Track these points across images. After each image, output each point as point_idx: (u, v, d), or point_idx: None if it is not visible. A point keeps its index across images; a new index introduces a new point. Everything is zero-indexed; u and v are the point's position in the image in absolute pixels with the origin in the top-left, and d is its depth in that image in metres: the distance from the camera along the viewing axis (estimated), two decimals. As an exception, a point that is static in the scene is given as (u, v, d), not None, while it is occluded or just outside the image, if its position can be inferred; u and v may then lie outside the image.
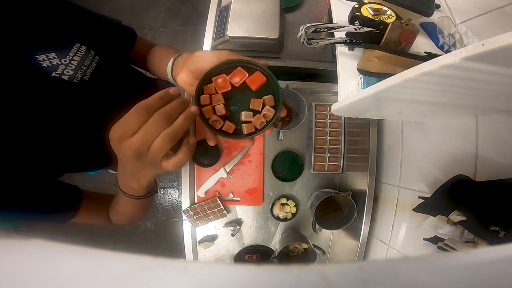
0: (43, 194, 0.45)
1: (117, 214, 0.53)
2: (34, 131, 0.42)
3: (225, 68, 0.42)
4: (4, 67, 0.38)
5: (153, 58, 0.58)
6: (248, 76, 0.41)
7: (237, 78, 0.41)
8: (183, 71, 0.45)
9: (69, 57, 0.42)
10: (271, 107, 0.41)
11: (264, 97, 0.41)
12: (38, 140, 0.43)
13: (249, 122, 0.41)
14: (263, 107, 0.41)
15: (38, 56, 0.40)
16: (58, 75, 0.42)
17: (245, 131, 0.41)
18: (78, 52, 0.43)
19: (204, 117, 0.41)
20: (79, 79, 0.44)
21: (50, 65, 0.41)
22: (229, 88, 0.41)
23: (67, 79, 0.43)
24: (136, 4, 2.12)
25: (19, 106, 0.40)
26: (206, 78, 0.41)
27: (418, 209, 0.58)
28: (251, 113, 0.41)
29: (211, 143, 0.42)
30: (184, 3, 2.08)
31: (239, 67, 0.41)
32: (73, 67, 0.43)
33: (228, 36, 0.75)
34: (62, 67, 0.42)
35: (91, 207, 0.52)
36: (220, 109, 0.40)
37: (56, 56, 0.41)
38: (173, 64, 0.49)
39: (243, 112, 0.41)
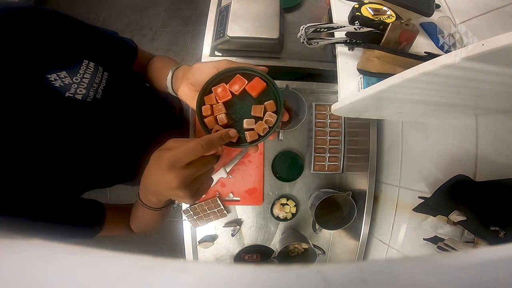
0: (66, 212, 0.46)
1: (137, 223, 0.53)
2: (55, 152, 0.43)
3: (224, 77, 0.42)
4: (20, 90, 0.37)
5: (153, 70, 0.58)
6: (248, 83, 0.41)
7: (237, 86, 0.41)
8: (183, 85, 0.45)
9: (79, 75, 0.42)
10: (273, 112, 0.41)
11: (265, 103, 0.41)
12: (59, 160, 0.43)
13: (252, 129, 0.41)
14: (264, 113, 0.41)
15: (49, 76, 0.39)
16: (72, 95, 0.41)
17: (248, 139, 0.41)
18: (88, 69, 0.43)
19: (207, 127, 0.41)
20: (92, 97, 0.44)
21: (62, 84, 0.40)
22: (230, 97, 0.41)
23: (80, 98, 0.42)
24: (136, 4, 2.12)
25: (39, 129, 0.40)
26: (206, 89, 0.41)
27: (418, 209, 0.58)
28: (253, 120, 0.41)
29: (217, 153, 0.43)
30: (184, 3, 2.08)
31: (238, 75, 0.41)
32: (85, 85, 0.42)
33: (228, 36, 0.75)
34: (74, 86, 0.41)
35: (114, 220, 0.53)
36: (222, 118, 0.40)
37: (67, 75, 0.41)
38: (172, 77, 0.49)
39: (245, 120, 0.41)
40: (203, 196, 0.39)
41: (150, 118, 0.63)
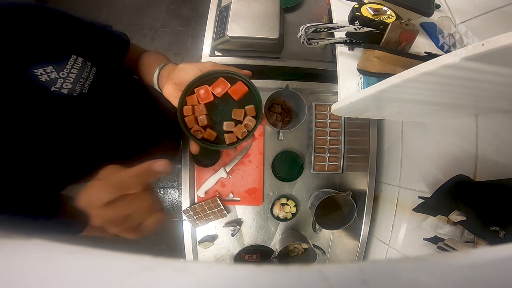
0: (46, 205, 0.46)
1: None
2: (37, 145, 0.43)
3: (208, 79, 0.43)
4: (4, 83, 0.37)
5: (142, 66, 0.57)
6: (230, 87, 0.42)
7: (219, 88, 0.42)
8: (168, 84, 0.46)
9: (66, 70, 0.42)
10: (253, 117, 0.42)
11: (246, 107, 0.42)
12: (41, 154, 0.43)
13: (231, 132, 0.42)
14: (244, 117, 0.42)
15: (35, 71, 0.39)
16: (58, 89, 0.41)
17: (227, 141, 0.42)
18: (75, 64, 0.43)
19: (187, 127, 0.42)
20: (78, 92, 0.44)
21: (48, 79, 0.40)
22: (212, 99, 0.42)
23: (66, 93, 0.42)
24: (136, 4, 2.12)
25: (21, 122, 0.40)
26: (189, 89, 0.42)
27: (418, 209, 0.58)
28: (233, 123, 0.42)
29: (194, 151, 0.43)
30: (184, 3, 2.08)
31: (221, 78, 0.42)
32: (72, 80, 0.43)
33: (228, 36, 0.75)
34: (60, 80, 0.41)
35: None
36: (203, 119, 0.41)
37: (53, 70, 0.41)
38: (158, 75, 0.49)
39: (225, 122, 0.42)
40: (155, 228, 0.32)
41: (138, 114, 0.63)
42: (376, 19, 0.53)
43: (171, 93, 0.45)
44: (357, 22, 0.54)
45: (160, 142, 0.74)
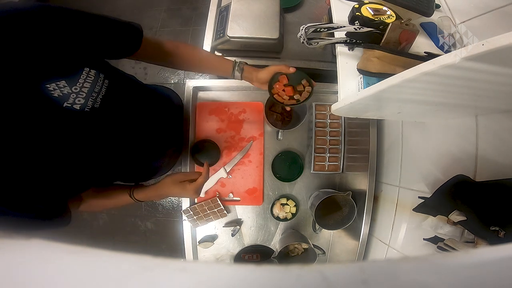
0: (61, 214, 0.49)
1: (107, 206, 0.67)
2: (49, 161, 0.43)
3: (276, 77, 0.65)
4: (17, 100, 0.37)
5: (208, 62, 0.68)
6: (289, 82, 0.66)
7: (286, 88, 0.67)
8: (255, 82, 0.67)
9: (79, 84, 0.41)
10: (307, 85, 0.66)
11: (302, 81, 0.66)
12: (54, 169, 0.44)
13: (300, 93, 0.66)
14: (303, 86, 0.66)
15: (48, 86, 0.39)
16: (70, 105, 0.41)
17: (301, 99, 0.65)
18: (88, 77, 0.43)
19: (276, 99, 0.64)
20: (90, 107, 0.43)
21: (61, 94, 0.40)
22: (285, 81, 0.66)
23: (78, 108, 0.42)
24: (136, 4, 2.12)
25: (34, 138, 0.40)
26: (271, 84, 0.65)
27: (418, 209, 0.58)
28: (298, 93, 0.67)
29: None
30: (184, 3, 2.08)
31: (282, 76, 0.66)
32: (84, 94, 0.42)
33: (228, 36, 0.75)
34: (73, 95, 0.41)
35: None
36: (289, 91, 0.66)
37: (66, 84, 0.40)
38: (242, 71, 0.65)
39: (296, 86, 0.66)
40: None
41: (146, 126, 0.64)
42: (376, 19, 0.53)
43: (259, 85, 0.67)
44: (357, 22, 0.54)
45: (164, 152, 0.75)
